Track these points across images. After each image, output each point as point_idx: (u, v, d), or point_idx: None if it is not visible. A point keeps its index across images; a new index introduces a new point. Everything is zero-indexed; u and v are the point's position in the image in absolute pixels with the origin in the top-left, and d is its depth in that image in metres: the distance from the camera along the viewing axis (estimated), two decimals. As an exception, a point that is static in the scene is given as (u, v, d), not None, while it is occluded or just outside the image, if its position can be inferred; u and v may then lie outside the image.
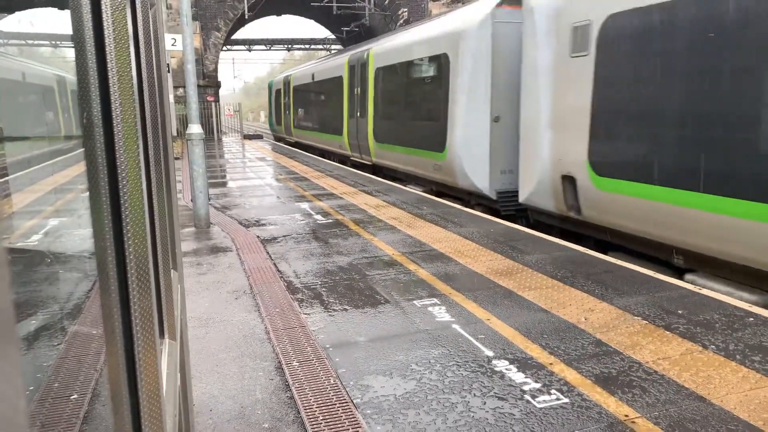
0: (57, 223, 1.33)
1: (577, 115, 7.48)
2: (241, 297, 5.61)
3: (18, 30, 1.02)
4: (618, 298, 5.25)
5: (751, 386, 3.65)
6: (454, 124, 10.61)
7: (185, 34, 8.44)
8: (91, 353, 1.18)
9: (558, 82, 8.00)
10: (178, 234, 2.50)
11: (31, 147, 1.16)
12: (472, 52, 10.14)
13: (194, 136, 8.55)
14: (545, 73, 8.20)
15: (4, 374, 0.36)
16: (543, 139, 8.27)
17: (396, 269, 6.33)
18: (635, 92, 6.64)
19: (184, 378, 2.09)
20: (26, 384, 0.94)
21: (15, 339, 0.40)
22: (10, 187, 0.90)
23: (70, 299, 1.25)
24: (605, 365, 3.98)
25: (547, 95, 8.18)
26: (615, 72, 6.98)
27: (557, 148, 7.98)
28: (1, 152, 0.85)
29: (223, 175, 16.05)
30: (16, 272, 0.98)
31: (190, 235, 8.32)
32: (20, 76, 1.13)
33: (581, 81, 7.42)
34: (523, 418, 3.36)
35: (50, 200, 1.29)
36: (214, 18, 30.36)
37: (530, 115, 8.57)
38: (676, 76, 6.12)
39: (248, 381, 3.92)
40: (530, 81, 8.54)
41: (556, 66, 8.01)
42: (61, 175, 1.28)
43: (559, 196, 8.04)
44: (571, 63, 7.64)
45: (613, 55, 6.96)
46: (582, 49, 7.41)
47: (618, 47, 6.90)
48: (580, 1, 7.48)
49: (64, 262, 1.31)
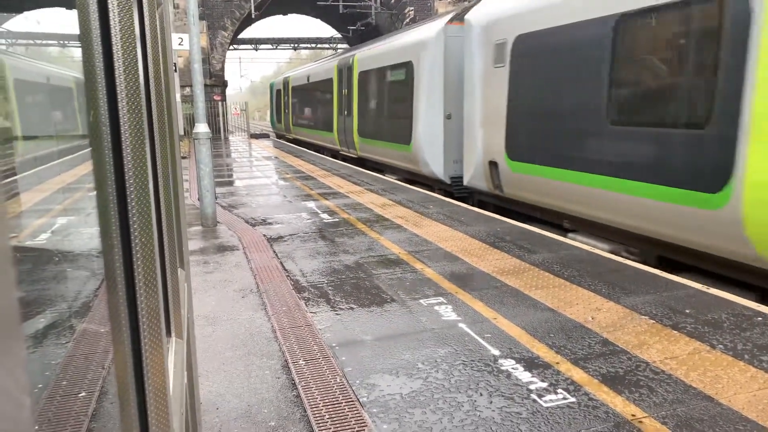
0: (65, 221, 1.34)
1: (498, 115, 9.54)
2: (247, 295, 5.63)
3: (25, 30, 1.03)
4: (625, 298, 5.23)
5: (759, 386, 3.63)
6: (418, 121, 12.58)
7: (192, 34, 8.46)
8: (99, 351, 1.19)
9: (486, 87, 9.95)
10: (185, 233, 2.50)
11: (40, 146, 1.17)
12: (430, 60, 12.13)
13: (201, 135, 8.57)
14: (478, 79, 10.13)
15: (10, 372, 0.36)
16: (477, 133, 10.24)
17: (402, 268, 6.32)
18: (533, 96, 8.74)
19: (191, 376, 2.10)
20: (35, 382, 0.94)
21: (20, 336, 0.40)
22: (19, 185, 0.90)
23: (78, 297, 1.26)
24: (612, 364, 3.97)
25: (480, 98, 10.13)
26: (521, 80, 9.00)
27: (486, 140, 10.00)
28: (10, 151, 0.86)
29: (229, 174, 16.09)
30: (24, 270, 0.99)
31: (197, 234, 8.35)
32: (29, 76, 1.14)
33: (500, 87, 9.46)
34: (530, 417, 3.35)
35: (58, 199, 1.30)
36: (221, 17, 30.43)
37: (469, 113, 10.54)
38: (559, 84, 8.07)
39: (255, 379, 3.93)
40: (469, 86, 10.46)
41: (485, 74, 9.95)
42: (69, 174, 1.29)
43: (488, 178, 10.07)
44: (494, 72, 9.67)
45: (520, 67, 8.99)
46: (501, 61, 9.43)
47: (523, 61, 8.90)
48: (500, 23, 9.45)
49: (72, 260, 1.32)
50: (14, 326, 0.37)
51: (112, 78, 0.90)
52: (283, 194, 11.96)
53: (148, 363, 0.97)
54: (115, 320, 0.93)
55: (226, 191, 12.55)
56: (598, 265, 6.24)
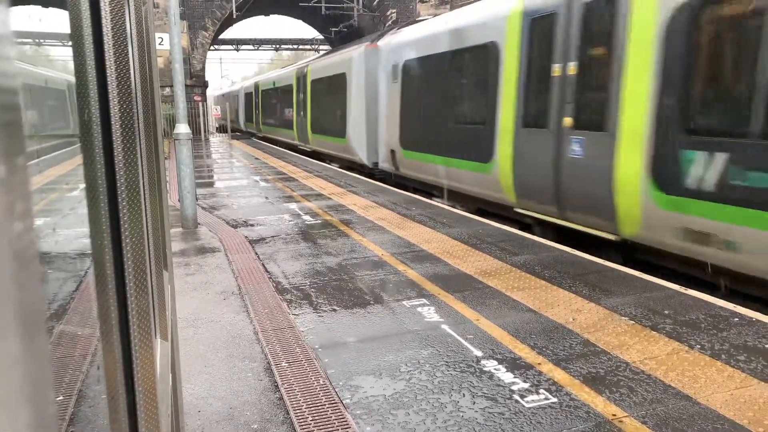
0: (52, 221, 1.32)
1: (394, 116, 13.50)
2: (229, 298, 5.59)
3: (16, 29, 1.01)
4: (605, 299, 5.30)
5: (736, 385, 3.70)
6: (349, 120, 16.39)
7: (173, 33, 8.37)
8: (89, 353, 1.17)
9: (388, 96, 13.96)
10: (168, 234, 2.48)
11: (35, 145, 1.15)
12: (356, 72, 15.79)
13: (182, 136, 8.49)
14: (383, 90, 14.34)
15: (36, 372, 0.36)
16: (383, 129, 14.45)
17: (385, 270, 6.33)
18: (413, 104, 12.54)
19: (175, 379, 2.08)
20: None
21: (43, 337, 0.40)
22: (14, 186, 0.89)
23: (66, 298, 1.24)
24: (593, 365, 4.02)
25: (384, 104, 14.28)
26: (406, 93, 12.87)
27: (389, 135, 13.98)
28: None
29: (210, 175, 15.96)
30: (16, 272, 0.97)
31: (178, 236, 8.26)
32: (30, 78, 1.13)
33: (395, 97, 13.42)
34: (512, 417, 3.38)
35: (44, 198, 1.28)
36: (202, 17, 30.18)
37: (381, 114, 14.60)
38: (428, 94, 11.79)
39: (237, 382, 3.90)
40: (380, 94, 14.65)
41: (387, 87, 14.02)
42: (58, 174, 1.27)
43: (390, 162, 14.10)
44: (392, 86, 13.66)
45: (406, 83, 12.91)
46: (395, 78, 13.41)
47: (407, 79, 12.80)
48: (395, 50, 13.50)
49: (59, 261, 1.30)
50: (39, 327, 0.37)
51: (104, 78, 0.90)
52: (265, 196, 11.90)
53: (138, 365, 0.97)
54: (104, 321, 0.93)
55: (206, 192, 12.44)
56: (579, 267, 6.32)
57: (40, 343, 0.37)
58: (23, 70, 1.17)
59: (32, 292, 0.36)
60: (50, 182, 1.39)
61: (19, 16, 1.04)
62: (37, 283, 0.38)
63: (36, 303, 0.37)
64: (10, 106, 0.35)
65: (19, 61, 1.19)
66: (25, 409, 0.34)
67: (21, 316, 0.34)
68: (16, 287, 0.33)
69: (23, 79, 1.18)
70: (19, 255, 0.35)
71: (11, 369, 0.32)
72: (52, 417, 0.39)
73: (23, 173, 0.38)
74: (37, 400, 0.36)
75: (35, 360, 0.36)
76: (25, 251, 0.36)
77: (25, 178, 0.38)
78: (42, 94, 1.36)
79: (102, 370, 0.94)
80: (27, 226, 0.37)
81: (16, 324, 0.33)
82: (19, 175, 0.36)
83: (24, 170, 0.38)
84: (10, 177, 0.34)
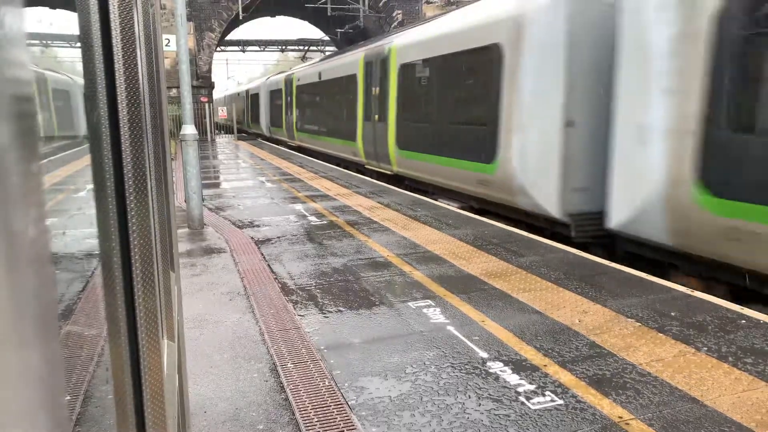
0: (60, 222, 1.33)
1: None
2: (235, 298, 5.60)
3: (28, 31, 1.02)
4: (612, 300, 5.28)
5: (743, 388, 3.68)
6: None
7: (179, 35, 8.41)
8: (96, 353, 1.18)
9: None
10: (175, 235, 2.49)
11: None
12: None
13: (188, 137, 8.52)
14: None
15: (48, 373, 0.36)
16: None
17: (391, 271, 6.33)
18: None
19: (181, 380, 2.09)
20: None
21: (55, 337, 0.40)
22: None
23: (74, 299, 1.25)
24: (599, 367, 4.01)
25: None
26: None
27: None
28: None
29: (216, 176, 16.00)
30: None
31: (184, 236, 8.29)
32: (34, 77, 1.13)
33: None
34: (518, 419, 3.37)
35: (52, 199, 1.29)
36: (208, 19, 30.27)
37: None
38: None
39: (243, 383, 3.91)
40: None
41: None
42: (66, 175, 1.28)
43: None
44: None
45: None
46: None
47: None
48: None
49: (67, 261, 1.31)
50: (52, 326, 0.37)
51: (113, 79, 0.90)
52: (271, 196, 11.92)
53: (145, 365, 0.97)
54: (112, 322, 0.93)
55: (212, 193, 12.48)
56: (585, 268, 6.30)
57: (53, 347, 0.37)
58: (36, 73, 1.18)
59: (46, 294, 0.37)
60: (58, 183, 1.39)
61: (29, 19, 1.05)
62: (51, 287, 0.38)
63: (49, 306, 0.37)
64: (24, 112, 0.35)
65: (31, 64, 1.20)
66: (40, 413, 0.34)
67: (36, 319, 0.34)
68: (32, 290, 0.34)
69: (35, 82, 1.18)
70: (34, 260, 0.35)
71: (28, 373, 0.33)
72: (65, 420, 0.39)
73: (37, 177, 0.38)
74: (51, 403, 0.36)
75: (50, 364, 0.36)
76: (40, 256, 0.37)
77: (38, 182, 0.38)
78: (50, 96, 1.36)
79: (109, 371, 0.95)
80: (41, 230, 0.37)
81: (33, 326, 0.33)
82: (34, 180, 0.36)
83: (38, 175, 0.38)
84: (25, 181, 0.34)
